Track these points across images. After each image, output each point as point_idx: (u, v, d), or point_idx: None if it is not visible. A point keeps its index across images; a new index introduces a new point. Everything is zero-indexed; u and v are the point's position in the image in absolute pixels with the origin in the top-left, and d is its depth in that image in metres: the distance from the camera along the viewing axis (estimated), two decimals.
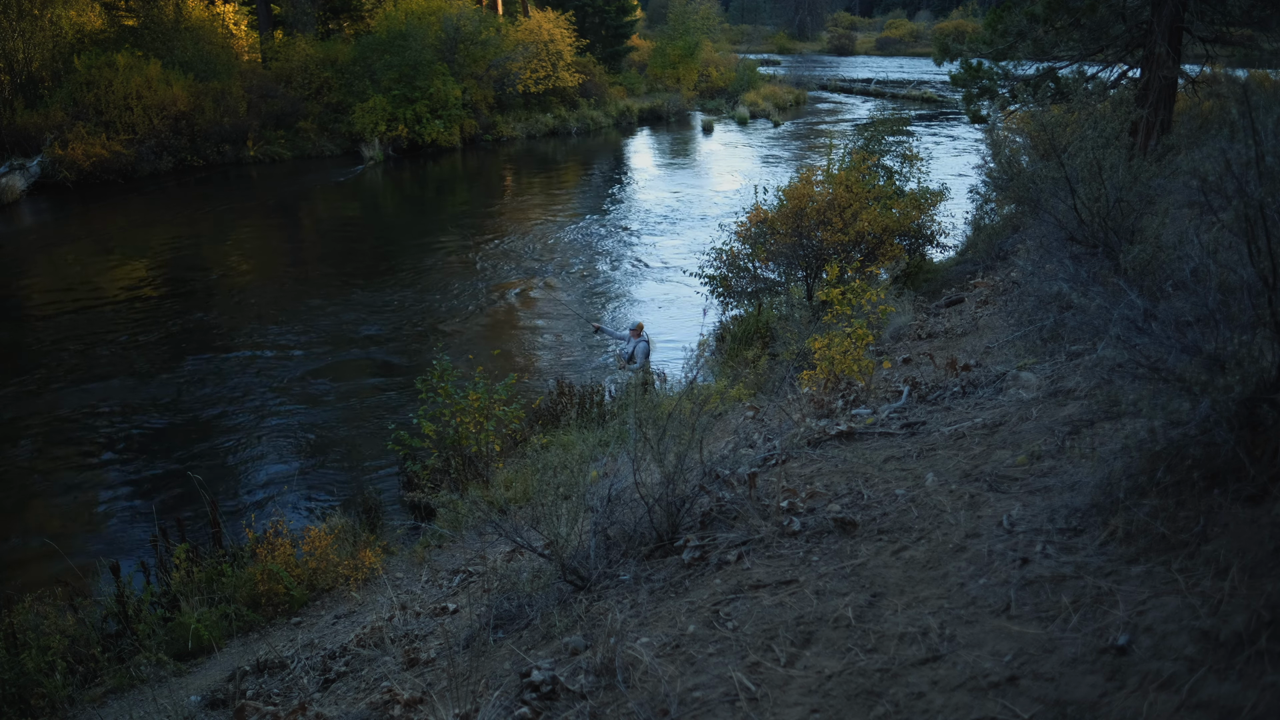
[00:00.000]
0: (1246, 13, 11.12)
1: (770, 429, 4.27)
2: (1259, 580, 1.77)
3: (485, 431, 7.99)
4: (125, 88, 24.78)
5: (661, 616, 2.53)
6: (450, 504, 6.58)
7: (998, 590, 2.10)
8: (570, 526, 3.17)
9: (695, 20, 44.89)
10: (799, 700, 1.95)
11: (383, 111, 28.28)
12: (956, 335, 7.55)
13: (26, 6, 25.42)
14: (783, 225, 11.03)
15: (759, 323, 11.20)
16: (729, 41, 61.98)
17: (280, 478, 9.35)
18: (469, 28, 30.97)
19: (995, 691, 1.77)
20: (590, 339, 13.24)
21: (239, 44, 30.51)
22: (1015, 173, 7.59)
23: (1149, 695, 1.62)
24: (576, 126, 34.96)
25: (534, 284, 16.31)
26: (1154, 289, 3.29)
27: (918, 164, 13.62)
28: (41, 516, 8.69)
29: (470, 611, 3.69)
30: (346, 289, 15.70)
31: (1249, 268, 2.07)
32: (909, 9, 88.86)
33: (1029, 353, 4.27)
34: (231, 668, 4.69)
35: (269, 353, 12.76)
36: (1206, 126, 10.86)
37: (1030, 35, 11.58)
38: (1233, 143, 2.17)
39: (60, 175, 23.09)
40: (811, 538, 2.72)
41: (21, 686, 5.12)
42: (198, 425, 10.53)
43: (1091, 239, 5.28)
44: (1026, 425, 3.17)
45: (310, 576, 6.42)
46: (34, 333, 13.65)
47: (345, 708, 3.22)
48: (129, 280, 16.36)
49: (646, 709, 2.07)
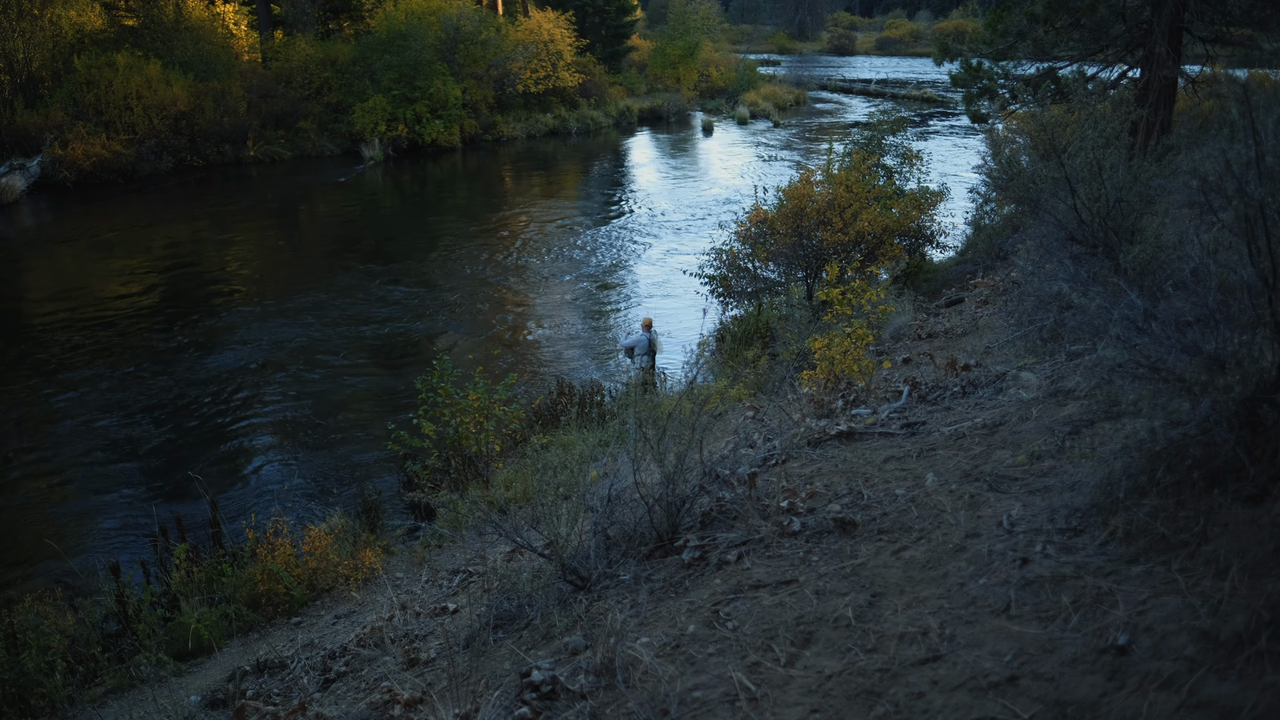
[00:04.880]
0: (1246, 13, 11.12)
1: (770, 429, 4.27)
2: (1259, 580, 1.77)
3: (485, 431, 7.99)
4: (125, 88, 24.79)
5: (661, 616, 2.53)
6: (450, 504, 6.57)
7: (998, 590, 2.10)
8: (570, 526, 3.17)
9: (695, 20, 44.92)
10: (799, 700, 1.95)
11: (383, 111, 28.29)
12: (956, 335, 7.55)
13: (26, 6, 25.42)
14: (783, 225, 11.03)
15: (759, 323, 11.20)
16: (729, 41, 62.00)
17: (280, 478, 9.35)
18: (469, 28, 30.98)
19: (995, 691, 1.77)
20: (590, 339, 13.24)
21: (239, 44, 30.52)
22: (1015, 173, 7.58)
23: (1149, 695, 1.62)
24: (576, 126, 34.97)
25: (534, 284, 16.32)
26: (1154, 289, 3.29)
27: (917, 164, 13.61)
28: (41, 516, 8.69)
29: (470, 611, 3.69)
30: (346, 289, 15.70)
31: (1249, 268, 2.07)
32: (909, 9, 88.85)
33: (1029, 353, 4.27)
34: (231, 668, 4.70)
35: (269, 352, 12.76)
36: (1206, 126, 10.87)
37: (1030, 35, 11.58)
38: (1233, 143, 2.17)
39: (60, 175, 23.10)
40: (811, 538, 2.72)
41: (21, 686, 5.12)
42: (198, 425, 10.54)
43: (1091, 239, 5.28)
44: (1026, 425, 3.17)
45: (310, 576, 6.43)
46: (33, 333, 13.65)
47: (345, 708, 3.23)
48: (128, 280, 16.36)
49: (646, 709, 2.07)
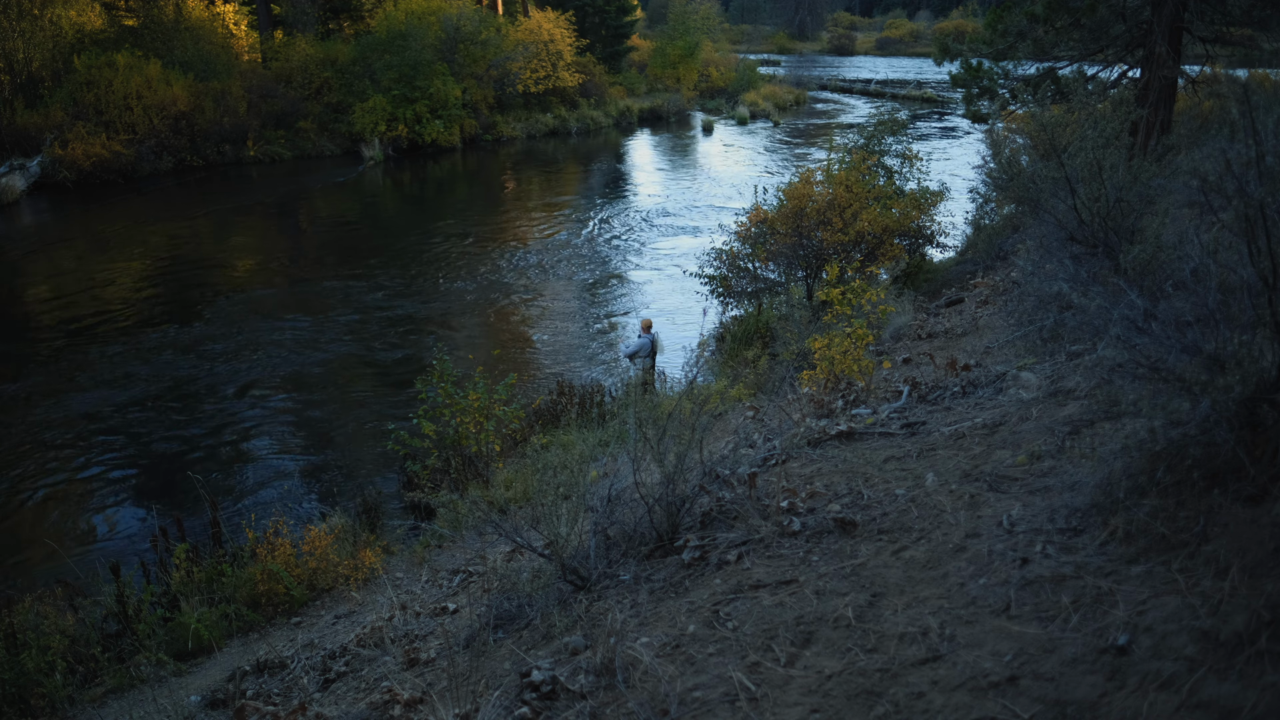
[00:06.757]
0: (1246, 13, 11.12)
1: (770, 429, 4.27)
2: (1259, 580, 1.77)
3: (485, 431, 7.99)
4: (125, 88, 24.80)
5: (661, 616, 2.53)
6: (450, 504, 6.58)
7: (998, 590, 2.10)
8: (570, 526, 3.17)
9: (695, 20, 44.95)
10: (799, 700, 1.95)
11: (383, 111, 28.29)
12: (956, 335, 7.55)
13: (26, 6, 25.42)
14: (783, 225, 11.03)
15: (759, 323, 11.20)
16: (729, 41, 62.03)
17: (280, 477, 9.35)
18: (469, 28, 30.98)
19: (995, 691, 1.77)
20: (591, 339, 13.24)
21: (239, 44, 30.51)
22: (1015, 173, 7.59)
23: (1149, 695, 1.62)
24: (576, 126, 34.97)
25: (534, 284, 16.32)
26: (1154, 289, 3.29)
27: (917, 164, 13.62)
28: (41, 516, 8.70)
29: (470, 611, 3.69)
30: (346, 289, 15.70)
31: (1249, 268, 2.07)
32: (909, 9, 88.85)
33: (1029, 353, 4.27)
34: (231, 668, 4.70)
35: (269, 352, 12.76)
36: (1206, 126, 10.87)
37: (1030, 35, 11.58)
38: (1233, 143, 2.17)
39: (60, 175, 23.10)
40: (811, 538, 2.72)
41: (21, 686, 5.12)
42: (198, 425, 10.53)
43: (1091, 239, 5.28)
44: (1026, 425, 3.17)
45: (310, 576, 6.43)
46: (33, 333, 13.65)
47: (345, 708, 3.23)
48: (128, 280, 16.36)
49: (646, 709, 2.07)
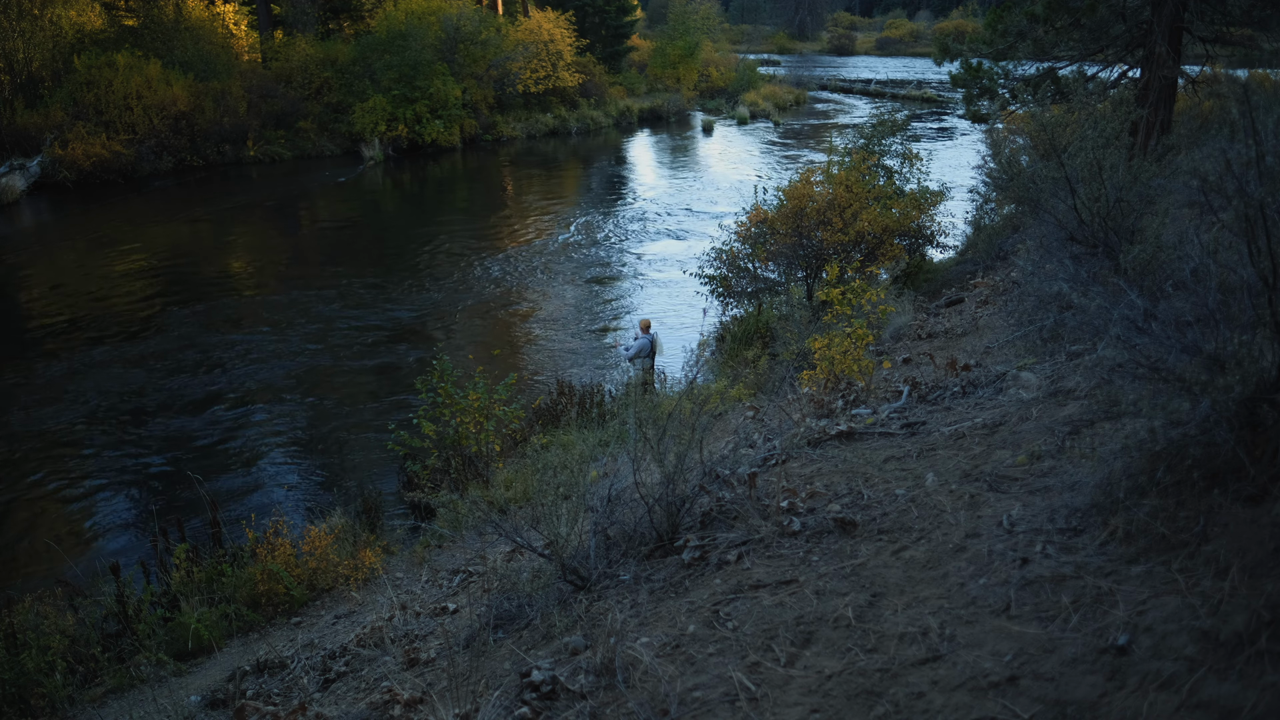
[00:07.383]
0: (1246, 13, 11.12)
1: (770, 429, 4.27)
2: (1259, 580, 1.77)
3: (485, 431, 7.99)
4: (125, 88, 24.80)
5: (661, 616, 2.53)
6: (450, 504, 6.58)
7: (998, 590, 2.10)
8: (570, 526, 3.17)
9: (695, 20, 44.94)
10: (799, 700, 1.95)
11: (383, 111, 28.29)
12: (956, 335, 7.55)
13: (26, 6, 25.42)
14: (783, 225, 11.03)
15: (759, 323, 11.20)
16: (729, 41, 62.01)
17: (280, 477, 9.36)
18: (469, 28, 30.98)
19: (995, 691, 1.77)
20: (591, 339, 13.24)
21: (239, 44, 30.52)
22: (1015, 173, 7.59)
23: (1149, 695, 1.62)
24: (576, 126, 34.97)
25: (534, 284, 16.31)
26: (1154, 289, 3.29)
27: (918, 164, 13.61)
28: (41, 516, 8.70)
29: (470, 611, 3.69)
30: (346, 289, 15.70)
31: (1249, 268, 2.07)
32: (909, 9, 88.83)
33: (1029, 353, 4.27)
34: (231, 668, 4.70)
35: (269, 353, 12.76)
36: (1206, 126, 10.87)
37: (1030, 35, 11.58)
38: (1233, 143, 2.17)
39: (60, 175, 23.10)
40: (811, 538, 2.72)
41: (21, 686, 5.12)
42: (198, 425, 10.53)
43: (1091, 239, 5.28)
44: (1026, 425, 3.17)
45: (310, 576, 6.43)
46: (33, 333, 13.64)
47: (345, 708, 3.22)
48: (128, 280, 16.35)
49: (646, 709, 2.07)
